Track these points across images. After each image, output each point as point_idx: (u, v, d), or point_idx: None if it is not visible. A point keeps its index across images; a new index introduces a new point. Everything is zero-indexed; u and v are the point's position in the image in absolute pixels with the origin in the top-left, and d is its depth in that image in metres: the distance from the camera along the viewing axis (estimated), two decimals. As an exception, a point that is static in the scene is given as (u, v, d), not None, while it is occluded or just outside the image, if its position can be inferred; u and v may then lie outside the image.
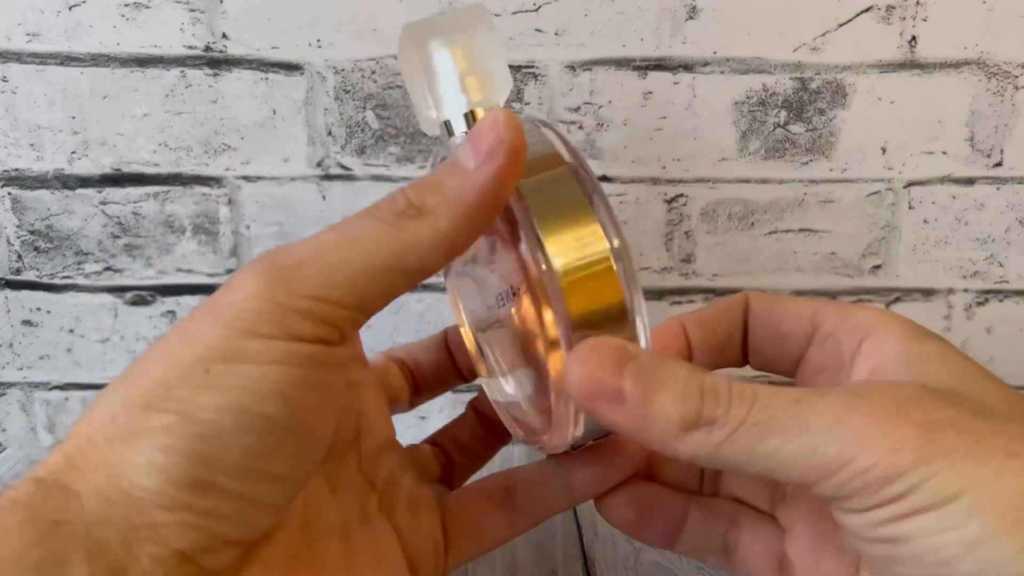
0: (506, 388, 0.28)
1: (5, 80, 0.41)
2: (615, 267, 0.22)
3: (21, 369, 0.45)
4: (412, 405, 0.32)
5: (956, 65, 0.41)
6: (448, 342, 0.31)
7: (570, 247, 0.22)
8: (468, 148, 0.21)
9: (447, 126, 0.27)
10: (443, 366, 0.31)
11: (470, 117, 0.26)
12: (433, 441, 0.31)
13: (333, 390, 0.22)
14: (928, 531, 0.18)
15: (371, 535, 0.26)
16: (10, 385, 0.46)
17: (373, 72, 0.41)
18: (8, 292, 0.44)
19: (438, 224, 0.21)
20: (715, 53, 0.41)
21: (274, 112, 0.41)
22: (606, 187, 0.39)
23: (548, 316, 0.22)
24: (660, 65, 0.41)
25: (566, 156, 0.23)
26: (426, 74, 0.26)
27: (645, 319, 0.22)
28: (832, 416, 0.19)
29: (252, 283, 0.20)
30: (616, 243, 0.22)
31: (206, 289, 0.44)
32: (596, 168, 0.42)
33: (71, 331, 0.45)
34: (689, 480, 0.28)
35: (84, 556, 0.18)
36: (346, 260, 0.20)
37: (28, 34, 0.40)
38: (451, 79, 0.26)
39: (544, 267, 0.21)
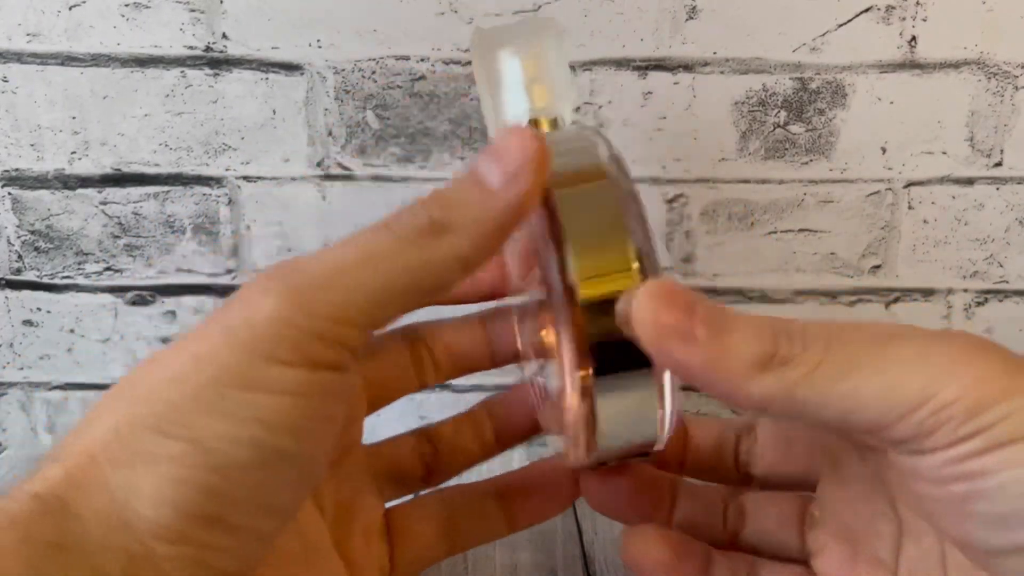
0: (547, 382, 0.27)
1: (5, 80, 0.41)
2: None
3: (21, 369, 0.45)
4: (425, 387, 0.29)
5: (956, 65, 0.41)
6: (486, 322, 0.29)
7: (594, 271, 0.21)
8: (493, 164, 0.20)
9: None
10: (479, 348, 0.29)
11: (533, 125, 0.27)
12: (423, 432, 0.30)
13: (338, 421, 0.21)
14: (1016, 462, 0.18)
15: (324, 568, 0.25)
16: (10, 385, 0.46)
17: (373, 72, 0.41)
18: (8, 292, 0.44)
19: (461, 245, 0.20)
20: (715, 53, 0.41)
21: (274, 112, 0.42)
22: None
23: (565, 346, 0.21)
24: (660, 65, 0.41)
25: (607, 165, 0.23)
26: (493, 79, 0.27)
27: None
28: (914, 352, 0.19)
29: (271, 304, 0.19)
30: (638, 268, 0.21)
31: (206, 289, 0.44)
32: (596, 168, 0.42)
33: (71, 331, 0.45)
34: (713, 517, 0.28)
35: None
36: (365, 282, 0.19)
37: (28, 34, 0.40)
38: (516, 85, 0.27)
39: (562, 295, 0.21)
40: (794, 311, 0.45)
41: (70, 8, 0.40)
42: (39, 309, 0.44)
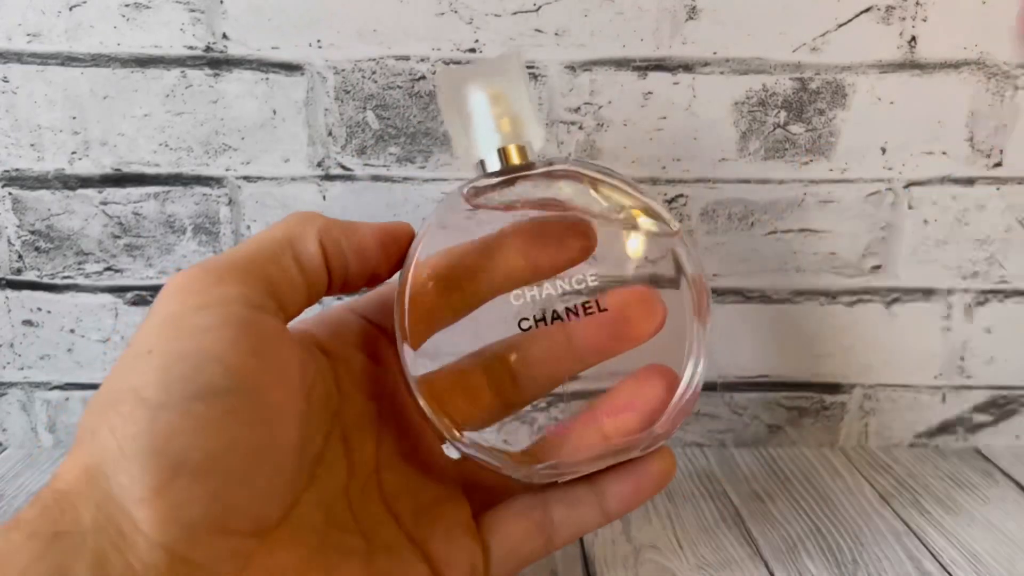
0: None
1: (6, 80, 0.41)
2: None
3: (22, 369, 0.45)
4: (508, 412, 0.28)
5: (956, 65, 0.41)
6: (566, 327, 0.27)
7: None
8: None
9: (482, 164, 0.29)
10: (557, 359, 0.28)
11: (502, 154, 0.29)
12: None
13: (276, 359, 0.22)
14: None
15: (399, 564, 0.26)
16: (11, 385, 0.46)
17: (373, 72, 0.41)
18: (9, 292, 0.44)
19: (329, 226, 0.26)
20: (715, 53, 0.41)
21: (274, 112, 0.42)
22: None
23: None
24: (660, 65, 0.41)
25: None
26: (462, 115, 0.29)
27: None
28: None
29: (171, 280, 0.23)
30: None
31: (206, 289, 0.44)
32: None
33: (72, 331, 0.45)
34: None
35: (88, 566, 0.18)
36: (242, 247, 0.24)
37: (29, 34, 0.40)
38: (485, 119, 0.29)
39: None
40: (794, 311, 0.45)
41: (70, 8, 0.40)
42: (39, 309, 0.44)
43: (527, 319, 0.26)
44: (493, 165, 0.29)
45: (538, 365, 0.27)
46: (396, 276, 0.28)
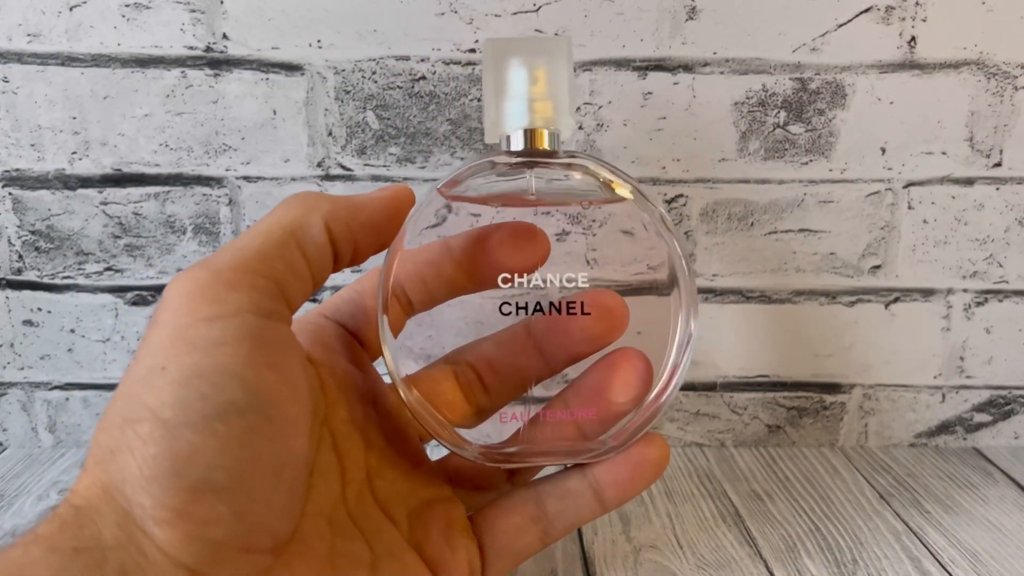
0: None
1: (6, 81, 0.41)
2: None
3: (22, 369, 0.45)
4: (482, 417, 0.29)
5: (955, 65, 0.41)
6: (532, 331, 0.28)
7: None
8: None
9: (507, 140, 0.28)
10: (524, 365, 0.28)
11: (528, 134, 0.28)
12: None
13: (288, 373, 0.22)
14: None
15: (402, 570, 0.26)
16: (11, 385, 0.46)
17: (374, 73, 0.41)
18: (9, 292, 0.44)
19: (335, 210, 0.24)
20: (715, 54, 0.41)
21: (275, 112, 0.42)
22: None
23: None
24: (660, 66, 0.41)
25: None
26: (497, 88, 0.28)
27: None
28: None
29: (176, 284, 0.22)
30: None
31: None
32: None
33: (72, 331, 0.45)
34: None
35: None
36: (246, 240, 0.23)
37: (29, 35, 0.40)
38: (520, 97, 0.28)
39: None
40: (793, 311, 0.45)
41: (70, 8, 0.40)
42: (39, 309, 0.44)
43: (508, 304, 0.27)
44: (517, 143, 0.28)
45: (509, 366, 0.28)
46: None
